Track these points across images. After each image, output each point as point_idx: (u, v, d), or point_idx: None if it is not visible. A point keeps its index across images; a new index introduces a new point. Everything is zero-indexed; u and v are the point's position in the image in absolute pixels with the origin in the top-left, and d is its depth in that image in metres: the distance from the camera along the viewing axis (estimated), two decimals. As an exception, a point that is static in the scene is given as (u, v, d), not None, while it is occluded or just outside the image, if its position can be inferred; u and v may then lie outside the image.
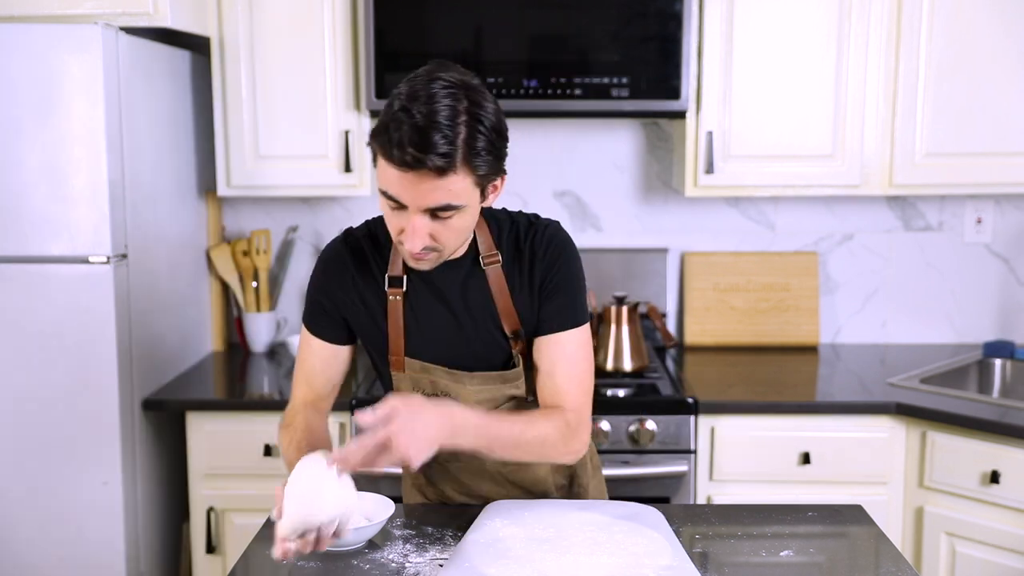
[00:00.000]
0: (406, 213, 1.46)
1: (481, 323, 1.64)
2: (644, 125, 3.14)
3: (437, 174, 1.40)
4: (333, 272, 1.67)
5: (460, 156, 1.40)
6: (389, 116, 1.41)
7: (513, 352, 1.66)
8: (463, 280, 1.63)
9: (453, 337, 1.64)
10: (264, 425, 2.59)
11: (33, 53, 2.32)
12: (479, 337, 1.64)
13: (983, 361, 2.98)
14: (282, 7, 2.75)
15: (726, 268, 3.14)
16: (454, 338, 1.64)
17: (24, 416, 2.41)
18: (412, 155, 1.37)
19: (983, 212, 3.13)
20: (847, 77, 2.75)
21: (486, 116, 1.43)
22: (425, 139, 1.37)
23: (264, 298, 3.09)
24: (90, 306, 2.39)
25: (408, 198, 1.43)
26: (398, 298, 1.63)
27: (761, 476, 2.56)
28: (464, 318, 1.63)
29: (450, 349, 1.64)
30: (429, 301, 1.63)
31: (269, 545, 1.64)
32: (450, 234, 1.49)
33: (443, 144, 1.38)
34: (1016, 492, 2.37)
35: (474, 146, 1.41)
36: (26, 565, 2.46)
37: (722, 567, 1.56)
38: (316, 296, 1.68)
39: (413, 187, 1.41)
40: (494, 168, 1.47)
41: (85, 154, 2.35)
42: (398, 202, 1.45)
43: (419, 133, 1.37)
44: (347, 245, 1.67)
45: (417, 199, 1.43)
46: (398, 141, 1.38)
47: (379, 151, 1.43)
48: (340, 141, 2.80)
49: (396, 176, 1.41)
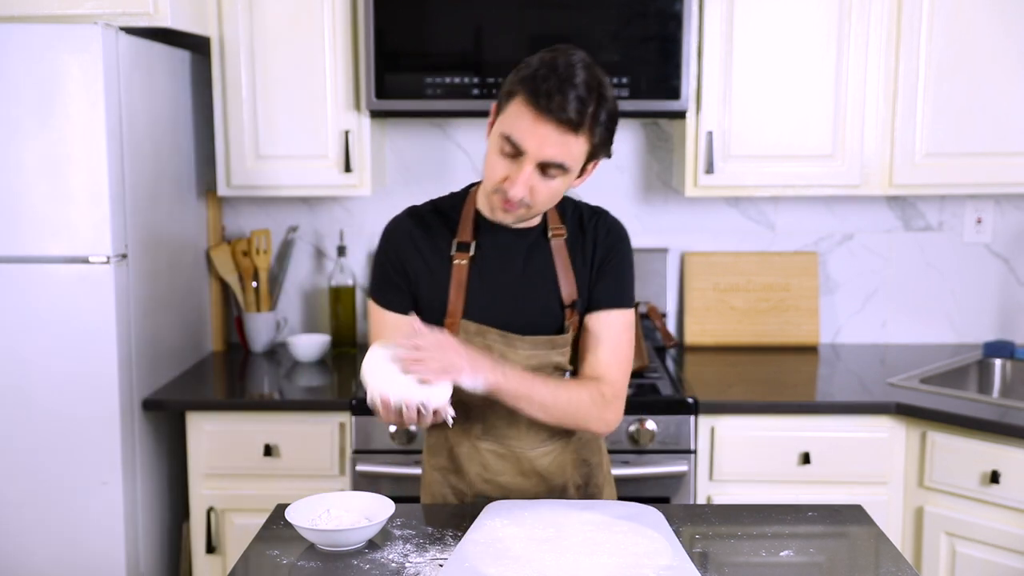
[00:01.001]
0: (518, 162, 1.57)
1: (541, 290, 1.74)
2: (644, 125, 3.14)
3: (568, 128, 1.54)
4: (398, 241, 1.76)
5: (588, 121, 1.55)
6: (533, 70, 1.55)
7: (566, 322, 1.75)
8: (528, 249, 1.74)
9: (512, 302, 1.74)
10: (264, 425, 2.59)
11: (33, 53, 2.32)
12: (537, 304, 1.73)
13: (983, 361, 2.98)
14: (282, 7, 2.75)
15: (726, 268, 3.14)
16: (513, 303, 1.74)
17: (24, 416, 2.41)
18: (558, 103, 1.51)
19: (983, 212, 3.13)
20: (847, 77, 2.75)
21: (610, 97, 1.59)
22: (568, 95, 1.52)
23: (264, 298, 3.09)
24: (90, 306, 2.39)
25: (532, 145, 1.55)
26: (464, 262, 1.72)
27: (761, 476, 2.56)
28: (525, 284, 1.74)
29: (507, 314, 1.73)
30: (495, 266, 1.72)
31: (269, 545, 1.64)
32: (546, 194, 1.61)
33: (579, 105, 1.53)
34: (1016, 492, 2.37)
35: (599, 118, 1.56)
36: (26, 565, 2.46)
37: (722, 567, 1.56)
38: (383, 268, 1.77)
39: (542, 136, 1.54)
40: (605, 145, 1.62)
41: (85, 154, 2.35)
42: (518, 148, 1.56)
43: (564, 88, 1.52)
44: (411, 217, 1.78)
45: (540, 148, 1.55)
46: (546, 90, 1.52)
47: (523, 95, 1.54)
48: (340, 141, 2.80)
49: (530, 122, 1.54)
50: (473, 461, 1.81)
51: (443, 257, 1.74)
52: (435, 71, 2.69)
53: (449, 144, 3.14)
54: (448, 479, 1.85)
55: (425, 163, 3.15)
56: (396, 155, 3.16)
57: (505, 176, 1.59)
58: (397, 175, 3.17)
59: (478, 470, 1.81)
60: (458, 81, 2.68)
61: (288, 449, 2.59)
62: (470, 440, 1.80)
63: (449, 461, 1.84)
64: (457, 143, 3.14)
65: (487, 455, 1.80)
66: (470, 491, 1.83)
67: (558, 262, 1.74)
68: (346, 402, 2.56)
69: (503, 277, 1.74)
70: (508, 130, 1.56)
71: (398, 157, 3.16)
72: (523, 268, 1.74)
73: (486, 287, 1.73)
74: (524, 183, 1.58)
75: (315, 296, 3.23)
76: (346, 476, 2.60)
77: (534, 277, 1.74)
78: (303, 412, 2.59)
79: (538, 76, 1.53)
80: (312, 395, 2.75)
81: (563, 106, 1.52)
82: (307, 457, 2.59)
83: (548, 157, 1.55)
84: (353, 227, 3.19)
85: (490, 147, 1.62)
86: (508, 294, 1.74)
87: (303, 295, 3.24)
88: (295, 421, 2.59)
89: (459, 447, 1.81)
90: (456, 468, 1.83)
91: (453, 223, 1.75)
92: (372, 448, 2.54)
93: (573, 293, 1.74)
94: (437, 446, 1.86)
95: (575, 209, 1.79)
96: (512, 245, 1.74)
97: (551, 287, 1.74)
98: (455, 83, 2.68)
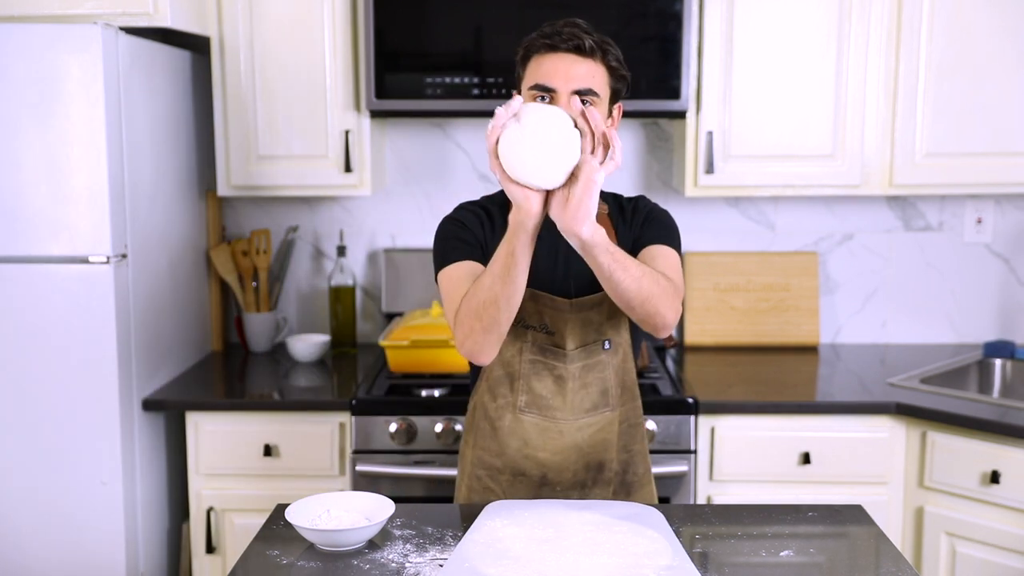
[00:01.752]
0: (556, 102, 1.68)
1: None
2: (644, 125, 3.14)
3: (584, 54, 1.70)
4: (464, 217, 1.86)
5: (599, 47, 1.71)
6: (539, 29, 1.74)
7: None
8: None
9: (561, 266, 1.83)
10: (264, 425, 2.59)
11: (33, 53, 2.31)
12: (585, 269, 1.73)
13: (983, 361, 2.98)
14: (282, 7, 2.75)
15: (726, 268, 3.14)
16: (562, 267, 1.83)
17: (24, 416, 2.41)
18: (567, 35, 1.69)
19: (983, 212, 3.13)
20: (847, 77, 2.75)
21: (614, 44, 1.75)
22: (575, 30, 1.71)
23: (264, 298, 3.09)
24: (90, 306, 2.39)
25: (560, 79, 1.69)
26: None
27: (761, 476, 2.56)
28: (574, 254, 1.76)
29: (559, 279, 1.83)
30: (545, 237, 1.75)
31: (269, 545, 1.64)
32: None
33: (587, 36, 1.71)
34: (1016, 492, 2.37)
35: (608, 51, 1.73)
36: (26, 565, 2.46)
37: (722, 567, 1.56)
38: (455, 234, 1.84)
39: (565, 67, 1.69)
40: (621, 78, 1.76)
41: (85, 154, 2.35)
42: (548, 88, 1.70)
43: (569, 26, 1.72)
44: (468, 205, 1.90)
45: (567, 78, 1.69)
46: (555, 31, 1.71)
47: (534, 46, 1.73)
48: (340, 141, 2.80)
49: (550, 61, 1.71)
50: (514, 435, 1.86)
51: (496, 236, 1.81)
52: (435, 71, 2.69)
53: (449, 144, 3.14)
54: (484, 460, 1.89)
55: (425, 163, 3.15)
56: (396, 155, 3.16)
57: None
58: (397, 175, 3.17)
59: (518, 444, 1.86)
60: (458, 81, 2.68)
61: (288, 449, 2.59)
62: (513, 413, 1.86)
63: (491, 440, 1.89)
64: (457, 143, 3.14)
65: (529, 427, 1.85)
66: (508, 470, 1.87)
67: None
68: (346, 402, 2.55)
69: (554, 247, 1.82)
70: (534, 79, 1.71)
71: (398, 157, 3.16)
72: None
73: (540, 254, 1.77)
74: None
75: (315, 296, 3.23)
76: (346, 476, 2.60)
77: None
78: (303, 412, 2.59)
79: (543, 29, 1.73)
80: (312, 395, 2.75)
81: (572, 36, 1.69)
82: (307, 457, 2.59)
83: (578, 84, 1.69)
84: (353, 227, 3.18)
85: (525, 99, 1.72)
86: (560, 260, 1.83)
87: (303, 295, 3.24)
88: (295, 421, 2.59)
89: (500, 420, 1.87)
90: (497, 443, 1.88)
91: (503, 206, 1.84)
92: (372, 448, 2.54)
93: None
94: (479, 421, 1.91)
95: (613, 197, 1.93)
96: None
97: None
98: (455, 83, 2.69)
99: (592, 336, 1.85)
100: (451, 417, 2.51)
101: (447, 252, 1.82)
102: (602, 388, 1.86)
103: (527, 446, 1.86)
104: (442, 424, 2.50)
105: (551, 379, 1.84)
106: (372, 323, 3.21)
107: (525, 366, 1.84)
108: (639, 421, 1.94)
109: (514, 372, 1.85)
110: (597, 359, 1.85)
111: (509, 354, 1.85)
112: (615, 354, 1.88)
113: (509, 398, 1.86)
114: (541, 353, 1.84)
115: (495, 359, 1.80)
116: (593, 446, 1.87)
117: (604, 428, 1.88)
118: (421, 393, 2.58)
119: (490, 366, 1.85)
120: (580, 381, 1.84)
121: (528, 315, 1.82)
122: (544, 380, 1.84)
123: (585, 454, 1.87)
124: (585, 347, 1.84)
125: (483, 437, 1.90)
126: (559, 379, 1.84)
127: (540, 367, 1.84)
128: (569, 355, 1.83)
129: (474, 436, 1.93)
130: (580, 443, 1.86)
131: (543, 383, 1.84)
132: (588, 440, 1.86)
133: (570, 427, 1.85)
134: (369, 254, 3.20)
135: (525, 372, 1.84)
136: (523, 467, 1.87)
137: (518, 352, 1.84)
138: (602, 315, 1.84)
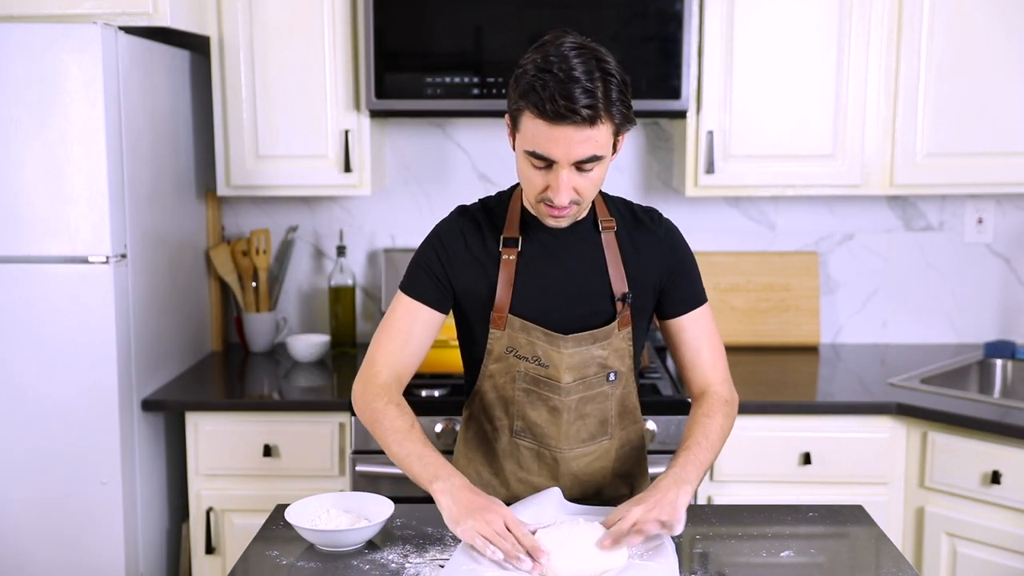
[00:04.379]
0: (552, 171, 1.57)
1: (591, 283, 1.74)
2: (644, 125, 3.13)
3: (588, 124, 1.51)
4: (448, 238, 1.77)
5: (602, 107, 1.52)
6: (529, 80, 1.53)
7: (618, 315, 1.74)
8: (578, 243, 1.74)
9: (560, 296, 1.73)
10: (264, 425, 2.59)
11: (33, 53, 2.31)
12: (586, 298, 1.73)
13: (984, 361, 2.98)
14: (282, 7, 2.75)
15: (726, 268, 3.14)
16: (561, 297, 1.73)
17: (23, 416, 2.41)
18: (565, 106, 1.49)
19: (984, 212, 3.12)
20: (847, 77, 2.75)
21: (614, 70, 1.55)
22: (572, 93, 1.49)
23: (264, 298, 3.09)
24: (90, 306, 2.39)
25: (559, 152, 1.54)
26: (512, 257, 1.73)
27: (761, 476, 2.56)
28: (574, 278, 1.73)
29: (555, 309, 1.73)
30: (544, 260, 1.73)
31: (269, 545, 1.64)
32: (590, 186, 1.61)
33: (588, 98, 1.50)
34: (1017, 492, 2.37)
35: (611, 97, 1.53)
36: (25, 565, 2.45)
37: (722, 567, 1.56)
38: (425, 261, 1.77)
39: (565, 140, 1.53)
40: (627, 118, 1.58)
41: (84, 154, 2.35)
42: (547, 159, 1.56)
43: (566, 88, 1.50)
44: (462, 216, 1.79)
45: (568, 152, 1.54)
46: (550, 96, 1.50)
47: (530, 110, 1.54)
48: (340, 141, 2.80)
49: (547, 132, 1.53)
50: (510, 458, 1.80)
51: (492, 253, 1.74)
52: (435, 71, 2.69)
53: (449, 144, 3.14)
54: (483, 475, 1.84)
55: (425, 163, 3.15)
56: (396, 155, 3.16)
57: (545, 186, 1.59)
58: (397, 175, 3.17)
59: (513, 467, 1.80)
60: (458, 81, 2.68)
61: (288, 449, 2.59)
62: (508, 436, 1.79)
63: (486, 456, 1.83)
64: (457, 143, 3.14)
65: (524, 452, 1.79)
66: (505, 491, 1.81)
67: (608, 255, 1.74)
68: (346, 402, 2.55)
69: (552, 272, 1.74)
70: (531, 146, 1.56)
71: (398, 157, 3.16)
72: (572, 262, 1.74)
73: (534, 282, 1.73)
74: (566, 188, 1.58)
75: (315, 296, 3.23)
76: (346, 476, 2.59)
77: (583, 270, 1.74)
78: (303, 412, 2.59)
79: (537, 86, 1.51)
80: (312, 395, 2.75)
81: (572, 107, 1.49)
82: (307, 457, 2.59)
83: (579, 156, 1.55)
84: (353, 227, 3.18)
85: (520, 162, 1.61)
86: (556, 288, 1.73)
87: (303, 295, 3.23)
88: (295, 421, 2.59)
89: (498, 442, 1.81)
90: (493, 464, 1.83)
91: (501, 220, 1.76)
92: (372, 448, 2.53)
93: (623, 286, 1.74)
94: (476, 440, 1.85)
95: (624, 203, 1.82)
96: (560, 239, 1.73)
97: (601, 280, 1.74)
98: (455, 83, 2.68)
99: (593, 369, 1.75)
100: (451, 417, 2.51)
101: (410, 277, 1.77)
102: (601, 419, 1.78)
103: (522, 469, 1.79)
104: (442, 424, 2.50)
105: (545, 409, 1.75)
106: (372, 323, 3.21)
107: (519, 394, 1.75)
108: (640, 444, 1.87)
109: (508, 398, 1.76)
110: (598, 391, 1.76)
111: (502, 380, 1.76)
112: (619, 385, 1.79)
113: (504, 421, 1.79)
114: (535, 384, 1.74)
115: (488, 382, 1.77)
116: (590, 475, 1.79)
117: (601, 456, 1.80)
118: (421, 393, 2.57)
119: (484, 388, 1.79)
120: (576, 412, 1.75)
121: (520, 346, 1.73)
122: (539, 409, 1.75)
123: (582, 482, 1.79)
124: (584, 380, 1.75)
125: (479, 452, 1.84)
126: (554, 410, 1.74)
127: (534, 397, 1.75)
128: (564, 388, 1.73)
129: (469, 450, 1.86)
130: (576, 472, 1.78)
131: (537, 412, 1.75)
132: (585, 469, 1.79)
133: (564, 456, 1.77)
134: (369, 254, 3.20)
135: (519, 400, 1.75)
136: (519, 492, 1.79)
137: (511, 380, 1.75)
138: (606, 349, 1.75)
